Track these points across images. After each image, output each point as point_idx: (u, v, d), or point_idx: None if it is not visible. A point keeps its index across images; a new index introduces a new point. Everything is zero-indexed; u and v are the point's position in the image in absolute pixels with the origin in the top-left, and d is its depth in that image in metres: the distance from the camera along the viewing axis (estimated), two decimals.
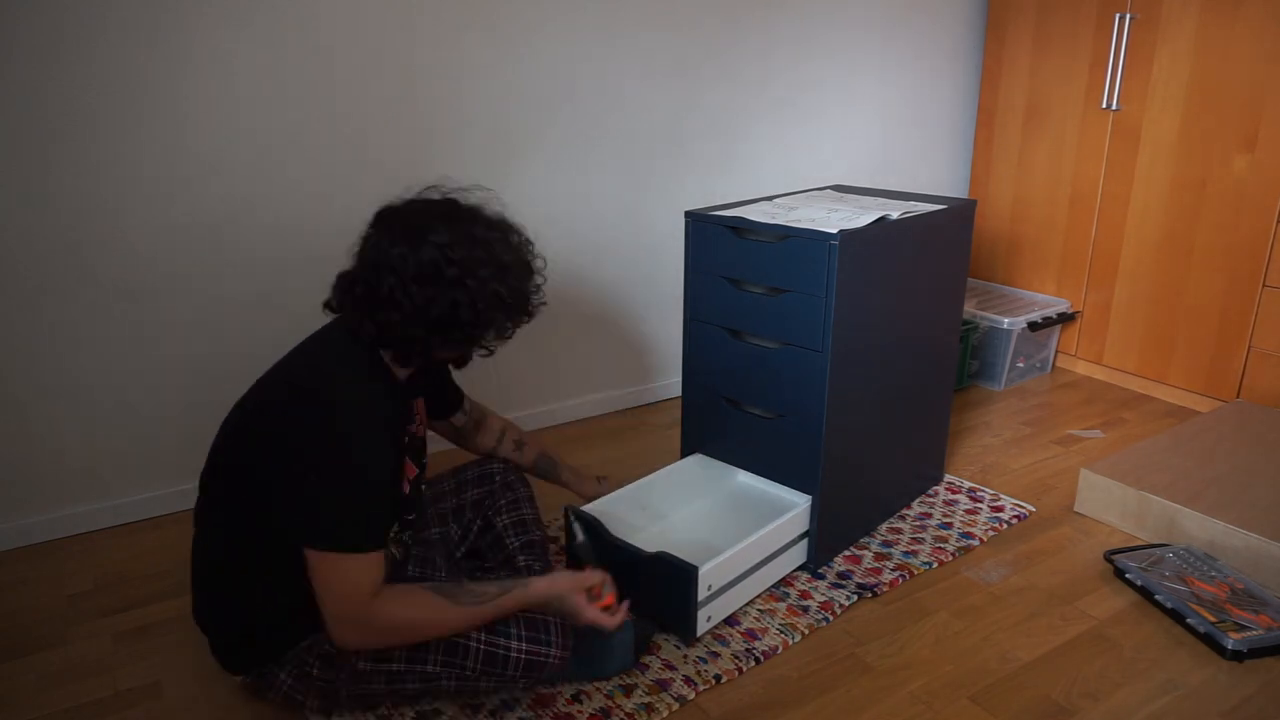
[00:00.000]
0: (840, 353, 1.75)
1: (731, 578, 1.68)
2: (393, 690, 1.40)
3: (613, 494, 1.89)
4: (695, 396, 2.02)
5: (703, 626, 1.64)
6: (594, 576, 1.49)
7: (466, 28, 2.19)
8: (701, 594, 1.61)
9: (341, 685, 1.38)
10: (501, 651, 1.38)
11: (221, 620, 1.42)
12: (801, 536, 1.85)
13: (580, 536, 1.72)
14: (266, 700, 1.47)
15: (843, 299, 1.71)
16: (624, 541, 1.68)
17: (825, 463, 1.81)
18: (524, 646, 1.39)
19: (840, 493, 1.89)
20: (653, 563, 1.62)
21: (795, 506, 1.82)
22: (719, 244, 1.87)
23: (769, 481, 1.95)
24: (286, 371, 1.38)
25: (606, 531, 1.70)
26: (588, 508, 1.80)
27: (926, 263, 1.93)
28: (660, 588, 1.63)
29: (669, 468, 2.01)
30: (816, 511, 1.84)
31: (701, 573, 1.58)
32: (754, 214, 1.86)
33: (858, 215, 1.82)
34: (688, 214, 1.90)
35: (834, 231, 1.67)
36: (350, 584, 1.26)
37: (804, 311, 1.75)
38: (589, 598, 1.47)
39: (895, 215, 1.82)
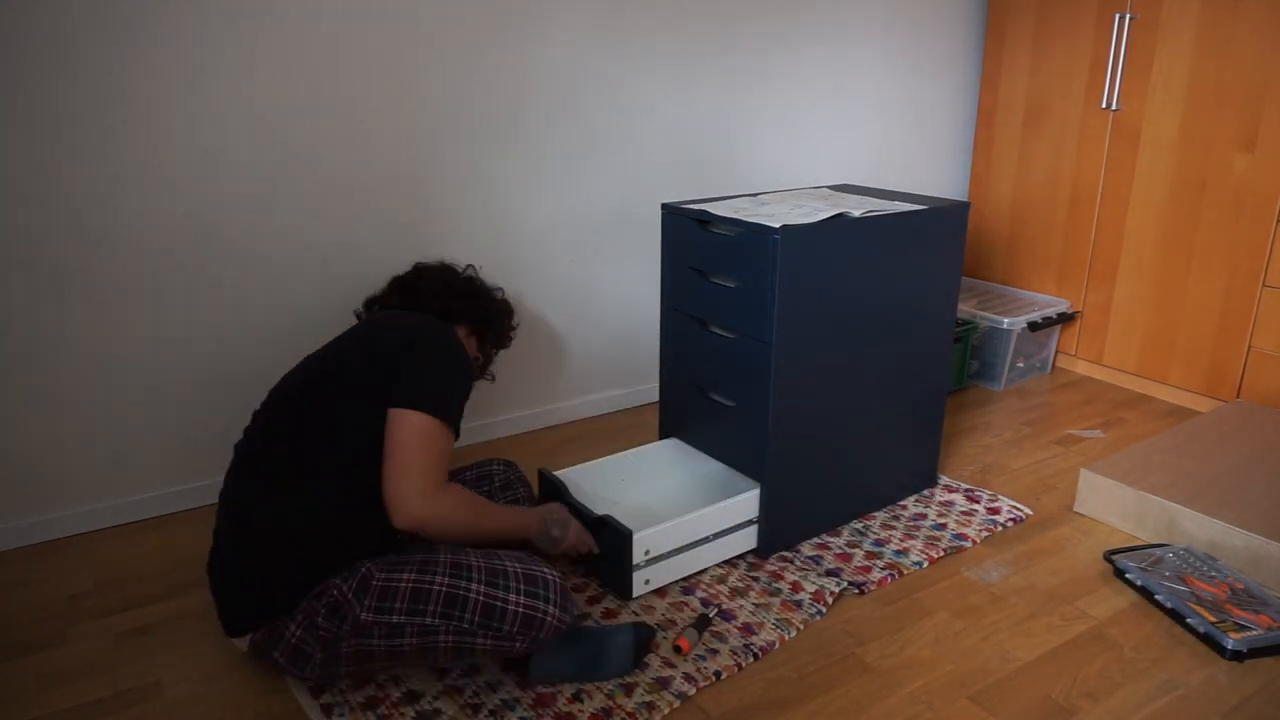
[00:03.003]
0: (787, 346, 1.78)
1: (670, 548, 1.77)
2: (390, 649, 1.40)
3: (586, 465, 2.01)
4: (670, 382, 2.09)
5: (639, 589, 1.75)
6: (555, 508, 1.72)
7: (463, 26, 2.20)
8: (637, 558, 1.72)
9: (344, 636, 1.39)
10: (500, 604, 1.40)
11: (250, 566, 1.44)
12: (750, 522, 1.90)
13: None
14: (272, 659, 1.45)
15: (788, 292, 1.74)
16: (578, 503, 1.82)
17: (774, 454, 1.85)
18: (521, 600, 1.41)
19: (795, 485, 1.92)
20: (597, 525, 1.74)
21: (742, 492, 1.88)
22: (688, 235, 1.92)
23: (731, 469, 2.01)
24: (383, 324, 1.60)
25: (567, 493, 1.86)
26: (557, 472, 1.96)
27: (904, 262, 1.93)
28: (605, 549, 1.76)
29: (641, 448, 2.09)
30: (764, 500, 1.87)
31: (637, 538, 1.70)
32: (723, 208, 1.89)
33: (818, 212, 1.82)
34: (663, 206, 1.97)
35: (777, 226, 1.69)
36: (438, 454, 1.46)
37: (755, 303, 1.78)
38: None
39: (856, 213, 1.82)
